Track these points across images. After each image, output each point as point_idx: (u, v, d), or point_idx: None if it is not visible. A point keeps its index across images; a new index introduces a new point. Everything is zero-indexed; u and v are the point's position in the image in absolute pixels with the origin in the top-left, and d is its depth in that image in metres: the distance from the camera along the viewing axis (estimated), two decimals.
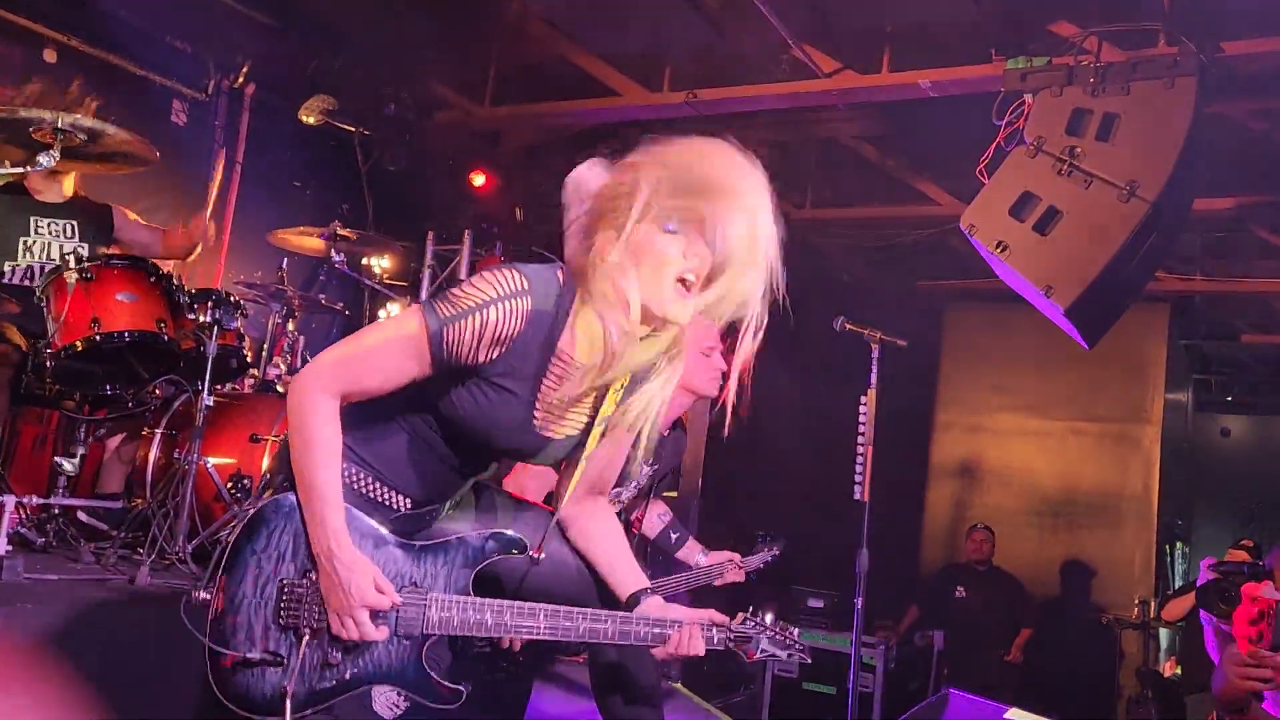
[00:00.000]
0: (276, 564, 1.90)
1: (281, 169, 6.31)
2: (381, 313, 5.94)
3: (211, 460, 3.77)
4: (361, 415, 1.97)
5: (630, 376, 1.97)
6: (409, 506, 2.02)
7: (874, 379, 4.04)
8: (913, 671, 6.64)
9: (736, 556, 3.76)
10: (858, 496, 4.02)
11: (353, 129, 5.82)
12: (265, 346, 4.60)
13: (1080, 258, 4.26)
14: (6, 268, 4.03)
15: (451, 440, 1.98)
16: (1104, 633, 7.72)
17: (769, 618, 2.09)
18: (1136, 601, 7.71)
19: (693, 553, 3.70)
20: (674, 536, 3.68)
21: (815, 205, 7.61)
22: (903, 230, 7.41)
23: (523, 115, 6.57)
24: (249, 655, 1.87)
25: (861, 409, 4.01)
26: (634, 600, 2.05)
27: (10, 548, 3.26)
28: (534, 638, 1.96)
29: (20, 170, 3.42)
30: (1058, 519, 8.39)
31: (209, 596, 1.88)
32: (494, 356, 1.87)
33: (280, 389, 4.35)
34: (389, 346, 1.89)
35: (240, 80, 6.10)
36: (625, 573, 2.09)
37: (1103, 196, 4.24)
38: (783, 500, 7.18)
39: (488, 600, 1.96)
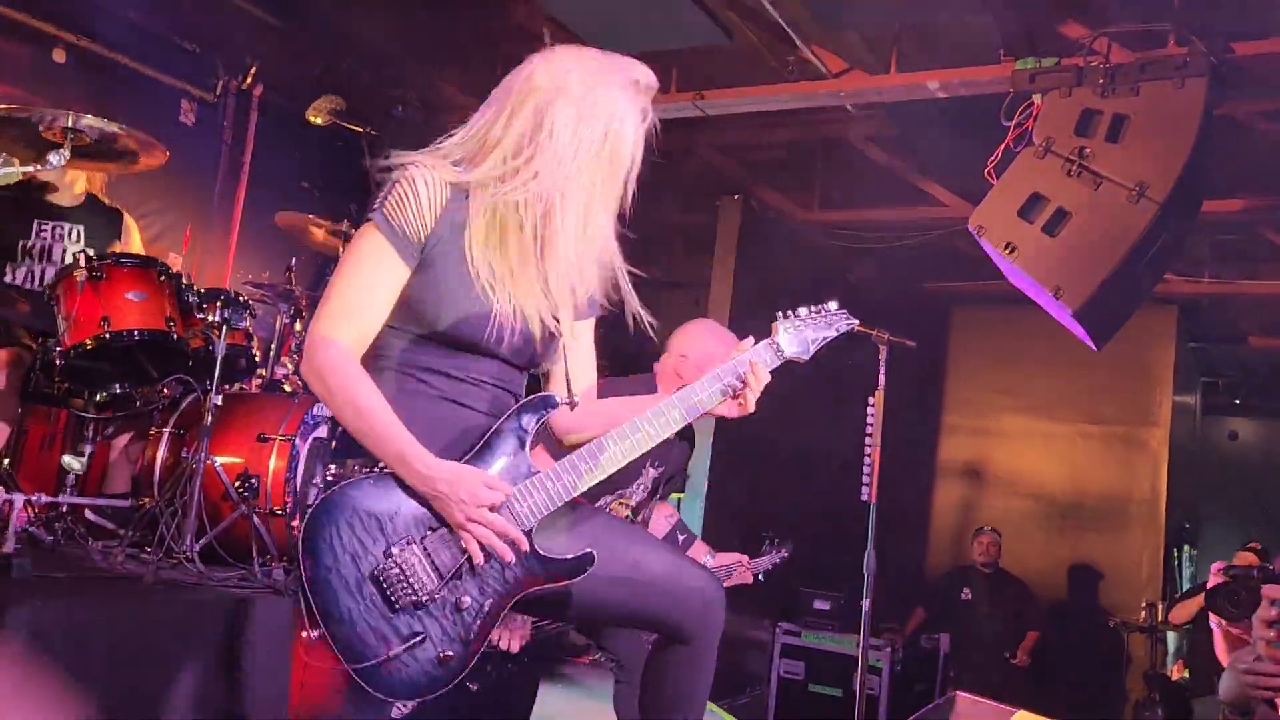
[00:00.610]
0: (356, 564, 1.87)
1: (289, 169, 6.32)
2: None
3: (219, 459, 3.78)
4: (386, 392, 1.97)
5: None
6: None
7: (882, 380, 4.03)
8: (919, 674, 6.62)
9: (744, 558, 3.75)
10: (865, 498, 4.01)
11: (360, 129, 5.82)
12: (273, 346, 4.61)
13: (1089, 259, 4.24)
14: (7, 268, 4.03)
15: (451, 360, 2.00)
16: (1111, 636, 7.69)
17: (802, 310, 2.18)
18: (1144, 605, 7.67)
19: (699, 554, 3.70)
20: (681, 538, 3.67)
21: (823, 206, 7.60)
22: (910, 231, 7.40)
23: None
24: (391, 654, 1.85)
25: (869, 410, 4.00)
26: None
27: (19, 546, 3.27)
28: (621, 464, 1.99)
29: (31, 169, 3.43)
30: (1065, 521, 8.37)
31: (319, 630, 1.84)
32: (437, 220, 1.96)
33: (288, 388, 4.35)
34: (362, 267, 1.95)
35: (248, 81, 6.12)
36: (645, 404, 2.09)
37: (1112, 198, 4.23)
38: (789, 501, 7.18)
39: (556, 466, 1.97)
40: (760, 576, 3.82)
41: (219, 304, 3.82)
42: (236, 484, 3.76)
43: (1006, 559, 7.61)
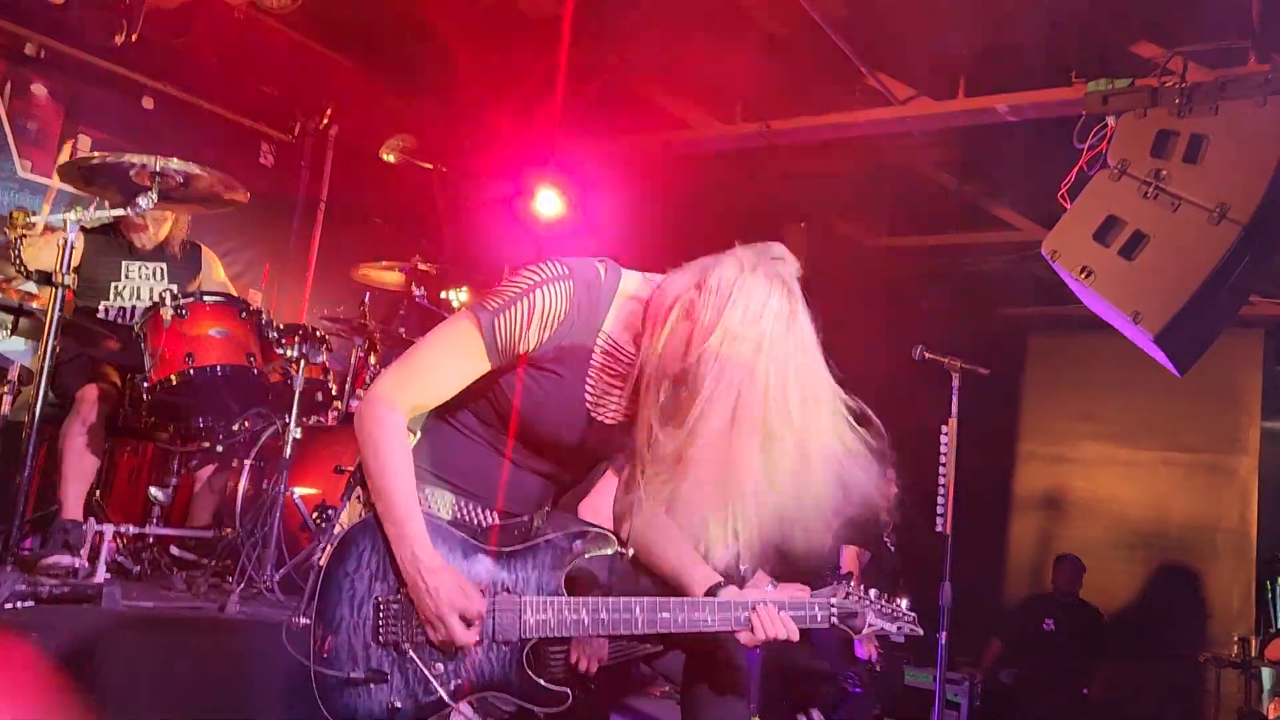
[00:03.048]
0: (370, 583, 1.93)
1: (363, 206, 6.49)
2: None
3: (298, 491, 3.87)
4: (432, 436, 2.03)
5: None
6: (495, 519, 2.06)
7: (955, 408, 3.97)
8: (998, 709, 6.45)
9: (807, 591, 3.71)
10: (939, 529, 3.95)
11: (430, 166, 5.95)
12: (348, 379, 4.71)
13: (1169, 283, 4.13)
14: (100, 307, 4.20)
15: (520, 440, 2.02)
16: (1201, 671, 7.40)
17: (873, 592, 2.08)
18: (1236, 639, 7.36)
19: (761, 584, 3.66)
20: (743, 568, 3.63)
21: (892, 233, 7.54)
22: (982, 257, 7.29)
23: (596, 149, 6.65)
24: (353, 675, 1.89)
25: (943, 439, 3.94)
26: (711, 595, 2.05)
27: (109, 575, 3.39)
28: (634, 632, 1.97)
29: (122, 212, 3.58)
30: (1149, 552, 8.10)
31: (308, 621, 1.91)
32: (543, 340, 1.92)
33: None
34: (447, 351, 1.96)
35: (324, 122, 6.30)
36: (695, 572, 2.09)
37: (1192, 219, 4.12)
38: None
39: (582, 599, 1.97)
40: None
41: (297, 339, 3.92)
42: (314, 515, 3.85)
43: (1087, 590, 7.39)
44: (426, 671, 1.92)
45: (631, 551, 2.08)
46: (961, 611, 4.07)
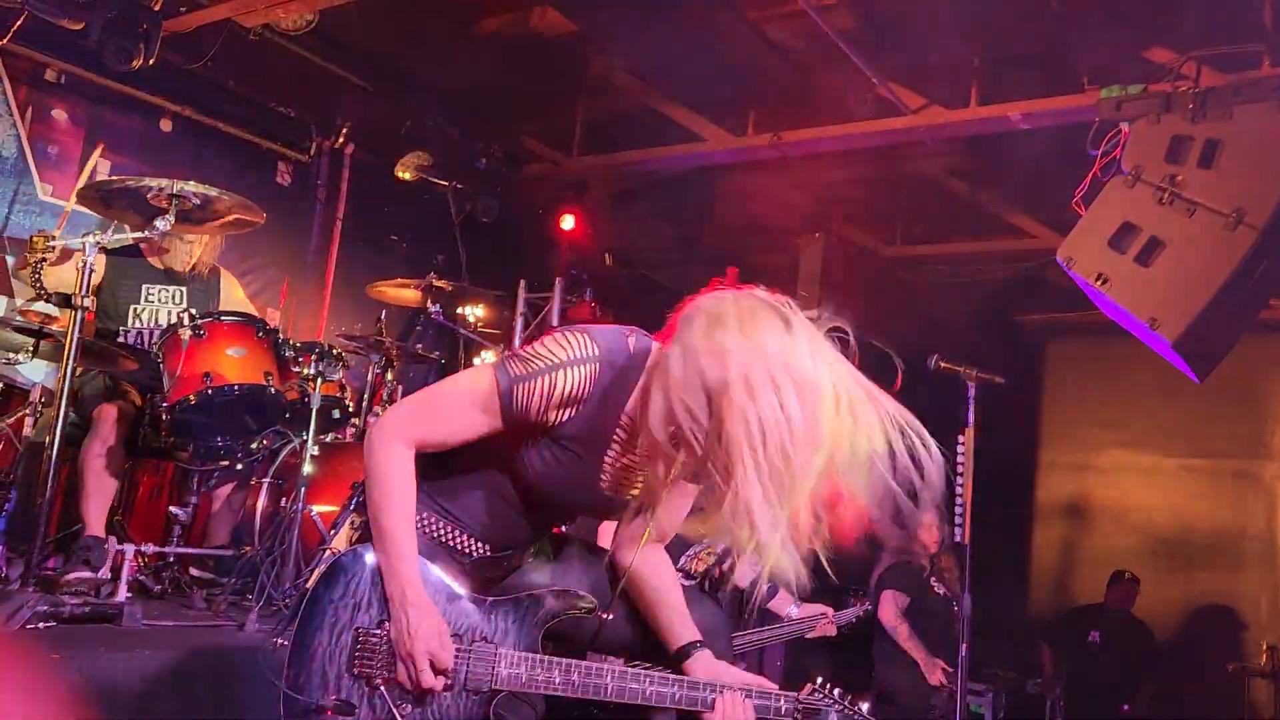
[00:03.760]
0: (353, 613, 1.94)
1: (379, 224, 6.54)
2: (476, 360, 6.07)
3: (316, 508, 3.89)
4: (441, 464, 2.03)
5: None
6: (486, 552, 2.06)
7: (970, 418, 3.95)
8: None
9: (830, 611, 3.71)
10: (958, 539, 3.92)
11: (446, 183, 5.99)
12: (365, 396, 4.74)
13: (1186, 288, 4.10)
14: (119, 330, 4.24)
15: (525, 496, 2.02)
16: (1230, 681, 7.30)
17: (836, 691, 2.03)
18: (1265, 648, 7.26)
19: (785, 604, 3.66)
20: (765, 587, 3.63)
21: (905, 241, 7.52)
22: (998, 264, 7.26)
23: (610, 164, 6.68)
24: (321, 703, 1.89)
25: (959, 449, 3.92)
26: (683, 654, 2.04)
27: (130, 595, 3.41)
28: (602, 699, 1.96)
29: (141, 235, 3.62)
30: (1173, 560, 8.00)
31: (286, 643, 1.92)
32: (563, 419, 1.90)
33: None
34: (462, 400, 1.94)
35: (340, 141, 6.36)
36: (677, 625, 2.08)
37: (1208, 225, 4.09)
38: (878, 551, 7.02)
39: (555, 659, 1.97)
40: (844, 628, 3.76)
41: (314, 357, 3.95)
42: (333, 532, 3.86)
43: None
44: (394, 710, 1.91)
45: (611, 616, 2.07)
46: (986, 623, 4.04)
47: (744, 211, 7.25)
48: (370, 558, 1.96)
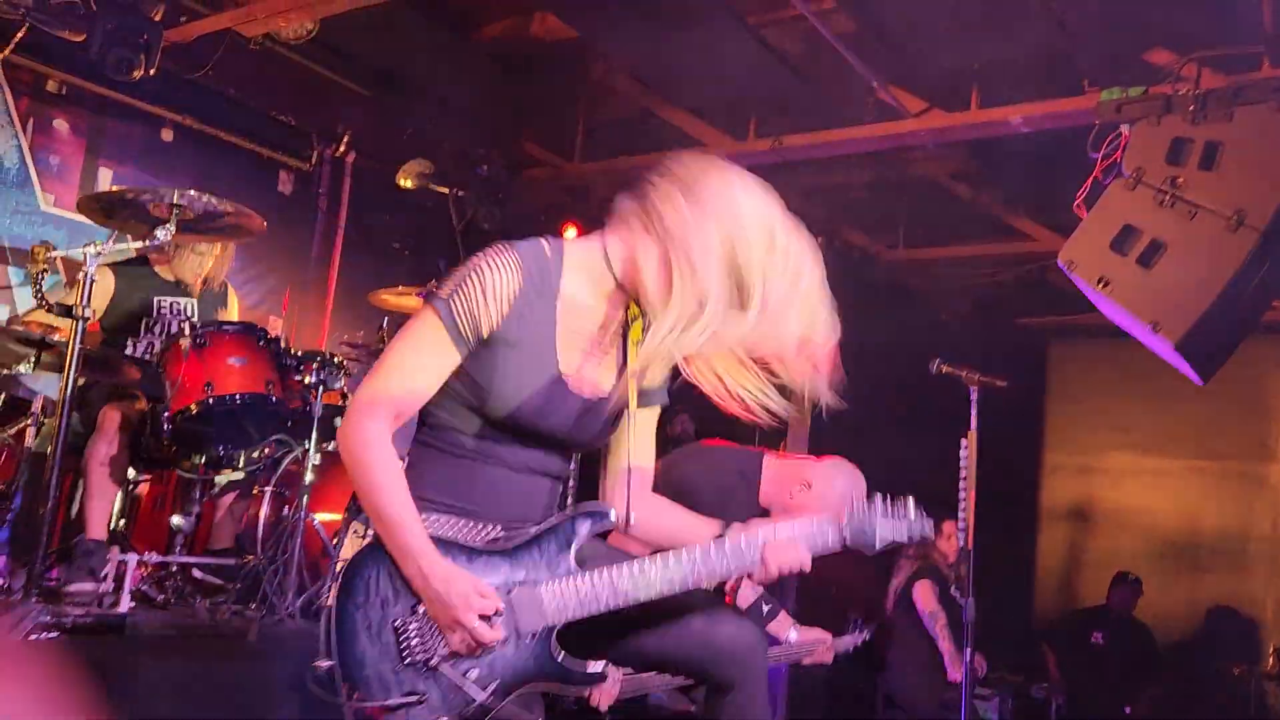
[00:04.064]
0: (383, 609, 1.91)
1: (381, 232, 6.54)
2: None
3: (318, 517, 3.89)
4: (420, 465, 2.01)
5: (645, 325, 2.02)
6: (501, 530, 2.04)
7: (974, 421, 3.94)
8: None
9: (828, 637, 3.68)
10: (961, 544, 3.91)
11: (447, 190, 6.00)
12: None
13: (1188, 291, 4.09)
14: (130, 343, 4.25)
15: (507, 436, 2.00)
16: (1237, 684, 7.27)
17: (877, 497, 2.11)
18: (1273, 650, 7.25)
19: (784, 627, 3.63)
20: (766, 608, 3.61)
21: (907, 245, 7.51)
22: (1000, 267, 7.25)
23: (611, 170, 6.68)
24: (388, 703, 1.87)
25: (962, 454, 3.91)
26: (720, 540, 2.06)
27: (133, 604, 3.42)
28: (653, 596, 1.96)
29: (141, 244, 3.63)
30: (1180, 563, 7.98)
31: (331, 662, 1.88)
32: (504, 314, 1.93)
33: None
34: (414, 349, 1.95)
35: (341, 149, 6.37)
36: (701, 528, 2.10)
37: (1209, 227, 4.08)
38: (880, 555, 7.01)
39: (595, 571, 1.96)
40: (841, 657, 3.74)
41: (315, 365, 3.95)
42: (335, 540, 3.86)
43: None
44: (460, 681, 1.90)
45: (634, 519, 2.07)
46: (992, 627, 4.02)
47: None
48: (379, 552, 1.93)
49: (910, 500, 2.14)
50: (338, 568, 1.96)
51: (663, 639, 2.05)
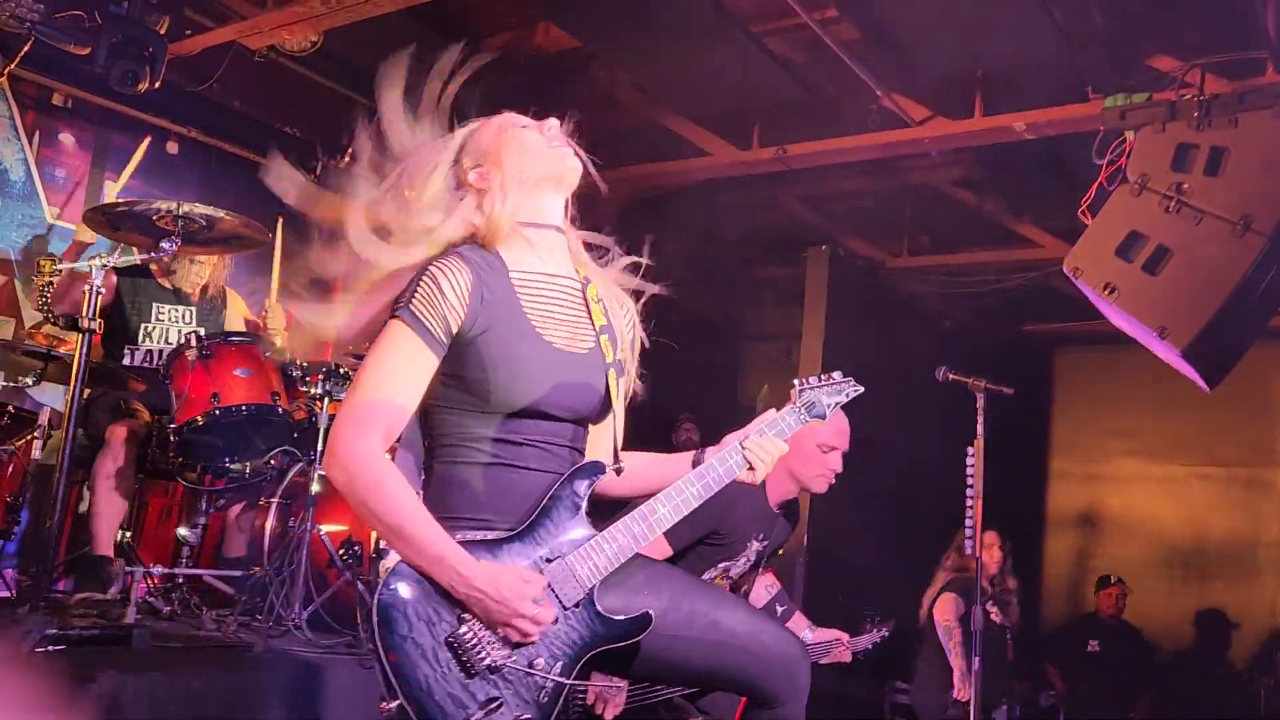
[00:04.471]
0: (431, 631, 1.88)
1: None
2: None
3: (324, 528, 3.89)
4: (437, 487, 2.00)
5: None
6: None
7: (980, 429, 3.93)
8: None
9: (845, 636, 3.66)
10: (969, 551, 3.90)
11: None
12: None
13: (1194, 297, 4.08)
14: (127, 351, 4.25)
15: (524, 425, 1.99)
16: (1246, 689, 7.25)
17: (812, 378, 2.24)
18: None
19: (799, 627, 3.62)
20: (780, 609, 3.59)
21: (912, 252, 7.51)
22: (1005, 274, 7.24)
23: (616, 179, 6.68)
24: (471, 717, 1.86)
25: (969, 461, 3.90)
26: (697, 462, 2.11)
27: (139, 616, 3.41)
28: (666, 527, 2.01)
29: (148, 256, 3.64)
30: (1188, 570, 7.96)
31: (398, 700, 1.85)
32: (467, 306, 1.95)
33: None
34: (390, 361, 1.94)
35: (346, 160, 6.38)
36: (679, 465, 2.14)
37: (1215, 233, 4.08)
38: (890, 561, 6.98)
39: (609, 528, 1.99)
40: (860, 655, 3.72)
41: (320, 377, 3.96)
42: (341, 551, 3.86)
43: (1127, 610, 7.29)
44: (529, 671, 1.90)
45: (624, 466, 2.11)
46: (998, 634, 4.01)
47: (750, 225, 7.26)
48: (406, 578, 1.89)
49: (838, 373, 2.28)
50: (371, 610, 1.90)
51: (708, 650, 2.05)
